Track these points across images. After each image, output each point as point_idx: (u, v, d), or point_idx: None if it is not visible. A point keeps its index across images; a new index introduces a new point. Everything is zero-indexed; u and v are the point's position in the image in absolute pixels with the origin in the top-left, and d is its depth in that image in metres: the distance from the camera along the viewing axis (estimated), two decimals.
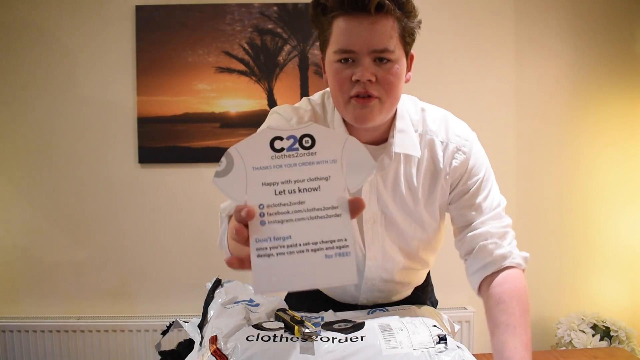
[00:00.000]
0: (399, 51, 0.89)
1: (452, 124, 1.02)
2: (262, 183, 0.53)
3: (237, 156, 0.53)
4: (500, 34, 2.17)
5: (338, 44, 0.89)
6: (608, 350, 1.25)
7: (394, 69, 0.89)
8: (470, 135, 1.02)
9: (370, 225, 1.03)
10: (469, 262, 1.02)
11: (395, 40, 0.88)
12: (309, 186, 0.53)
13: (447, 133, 1.01)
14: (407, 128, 0.99)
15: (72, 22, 2.11)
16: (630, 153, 2.20)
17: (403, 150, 0.98)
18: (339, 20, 0.88)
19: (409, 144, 0.98)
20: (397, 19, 0.88)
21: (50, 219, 2.16)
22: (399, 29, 0.89)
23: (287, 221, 0.53)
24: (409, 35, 0.91)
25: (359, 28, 0.86)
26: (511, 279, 0.99)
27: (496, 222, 1.00)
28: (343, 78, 0.90)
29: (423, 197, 1.02)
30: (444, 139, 1.00)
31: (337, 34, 0.89)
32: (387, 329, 0.93)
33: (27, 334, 2.08)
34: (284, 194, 0.53)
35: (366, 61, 0.88)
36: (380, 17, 0.86)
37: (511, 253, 1.00)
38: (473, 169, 1.01)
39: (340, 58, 0.89)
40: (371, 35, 0.86)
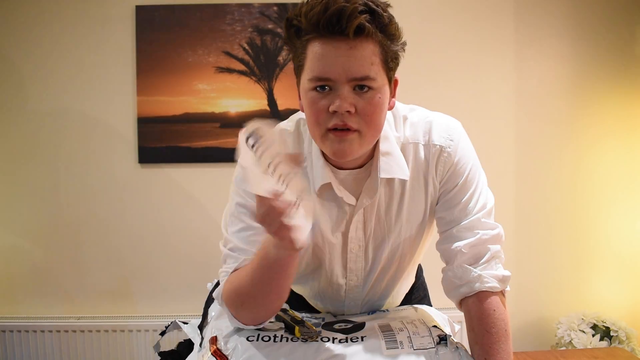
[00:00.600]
0: (381, 78, 0.82)
1: (436, 125, 0.96)
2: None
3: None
4: (500, 34, 2.17)
5: (313, 71, 0.81)
6: (608, 350, 1.25)
7: (375, 99, 0.82)
8: (455, 134, 0.96)
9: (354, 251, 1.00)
10: (443, 279, 0.98)
11: (377, 67, 0.81)
12: None
13: (430, 135, 0.95)
14: (392, 149, 0.93)
15: (72, 22, 2.11)
16: (630, 153, 2.20)
17: (389, 175, 0.92)
18: (314, 44, 0.80)
19: (395, 167, 0.93)
20: (379, 43, 0.81)
21: (50, 219, 2.16)
22: (381, 53, 0.81)
23: None
24: (392, 60, 0.84)
25: (336, 53, 0.79)
26: (484, 309, 0.92)
27: (474, 237, 0.93)
28: (319, 109, 0.82)
29: (411, 212, 0.98)
30: (427, 142, 0.95)
31: (312, 59, 0.81)
32: (387, 329, 0.93)
33: (27, 334, 2.08)
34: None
35: (344, 90, 0.80)
36: (360, 41, 0.78)
37: (481, 277, 0.92)
38: (458, 169, 0.95)
39: (315, 86, 0.82)
40: (350, 61, 0.79)
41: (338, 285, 1.05)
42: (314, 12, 0.77)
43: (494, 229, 0.96)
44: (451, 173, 0.95)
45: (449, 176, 0.95)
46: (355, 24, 0.76)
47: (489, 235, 0.94)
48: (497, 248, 0.95)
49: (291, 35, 0.83)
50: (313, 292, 1.11)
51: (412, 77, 2.12)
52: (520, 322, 2.21)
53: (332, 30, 0.77)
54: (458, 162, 0.95)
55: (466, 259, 0.94)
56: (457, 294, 0.96)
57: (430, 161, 0.95)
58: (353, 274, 1.03)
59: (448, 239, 0.96)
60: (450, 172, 0.95)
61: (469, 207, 0.95)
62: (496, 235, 0.95)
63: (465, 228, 0.94)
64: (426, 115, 0.98)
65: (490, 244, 0.94)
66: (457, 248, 0.94)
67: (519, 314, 2.20)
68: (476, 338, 0.92)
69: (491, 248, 0.94)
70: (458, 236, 0.95)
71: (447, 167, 0.95)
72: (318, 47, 0.80)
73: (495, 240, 0.95)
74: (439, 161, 0.95)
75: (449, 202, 0.96)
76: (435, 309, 1.15)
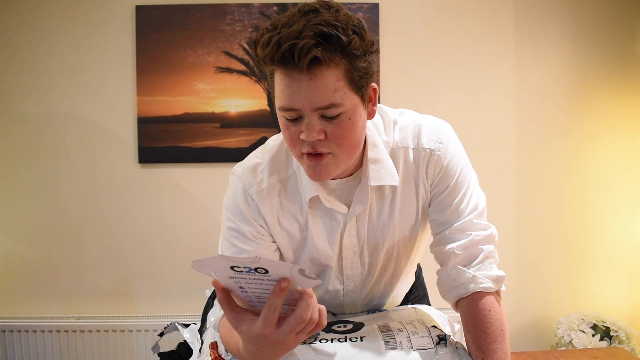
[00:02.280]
0: (349, 100, 0.80)
1: (425, 128, 0.95)
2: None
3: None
4: (500, 33, 2.17)
5: (280, 101, 0.80)
6: (608, 350, 1.25)
7: (344, 122, 0.80)
8: (444, 137, 0.95)
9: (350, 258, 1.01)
10: (438, 281, 0.99)
11: (342, 91, 0.78)
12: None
13: (419, 139, 0.95)
14: (381, 156, 0.93)
15: (72, 22, 2.11)
16: (630, 153, 2.20)
17: (379, 182, 0.92)
18: (278, 74, 0.80)
19: (385, 174, 0.92)
20: (342, 66, 0.78)
21: (50, 219, 2.16)
22: (345, 76, 0.78)
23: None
24: (362, 77, 0.81)
25: (298, 85, 0.77)
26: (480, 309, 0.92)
27: (467, 239, 0.94)
28: (291, 135, 0.83)
29: (403, 216, 0.98)
30: (416, 146, 0.95)
31: (278, 89, 0.80)
32: (386, 330, 0.93)
33: (27, 334, 2.08)
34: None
35: (312, 119, 0.79)
36: (319, 71, 0.76)
37: (475, 278, 0.92)
38: (448, 171, 0.95)
39: (285, 116, 0.81)
40: (311, 92, 0.77)
41: (335, 290, 1.05)
42: (269, 49, 0.76)
43: (487, 229, 0.96)
44: (442, 175, 0.95)
45: (439, 179, 0.95)
46: (308, 59, 0.74)
47: (481, 236, 0.94)
48: (491, 248, 0.95)
49: (259, 60, 0.82)
50: None
51: (412, 77, 2.12)
52: (520, 322, 2.21)
53: (288, 65, 0.76)
54: (448, 165, 0.95)
55: (460, 260, 0.94)
56: (452, 296, 0.96)
57: (420, 165, 0.95)
58: (350, 279, 1.04)
59: (441, 241, 0.96)
60: (440, 175, 0.95)
61: (460, 208, 0.95)
62: (489, 235, 0.95)
63: (457, 229, 0.95)
64: (415, 118, 0.98)
65: (483, 245, 0.94)
66: (450, 250, 0.94)
67: (519, 314, 2.20)
68: (473, 339, 0.92)
69: (484, 248, 0.94)
70: (451, 238, 0.95)
71: (438, 169, 0.95)
72: (281, 78, 0.79)
73: (488, 241, 0.95)
74: (429, 164, 0.95)
75: (441, 205, 0.96)
76: (435, 309, 1.15)
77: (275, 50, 0.75)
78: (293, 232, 0.98)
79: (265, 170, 0.95)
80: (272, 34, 0.76)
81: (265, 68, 0.83)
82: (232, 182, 0.98)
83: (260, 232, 0.96)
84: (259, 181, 0.95)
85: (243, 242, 0.95)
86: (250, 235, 0.95)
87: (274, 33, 0.76)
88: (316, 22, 0.75)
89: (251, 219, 0.95)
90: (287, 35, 0.74)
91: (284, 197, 0.96)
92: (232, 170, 0.99)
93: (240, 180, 0.96)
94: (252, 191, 0.94)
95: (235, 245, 0.95)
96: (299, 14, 0.77)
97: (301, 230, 0.97)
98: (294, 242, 0.99)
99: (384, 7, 2.12)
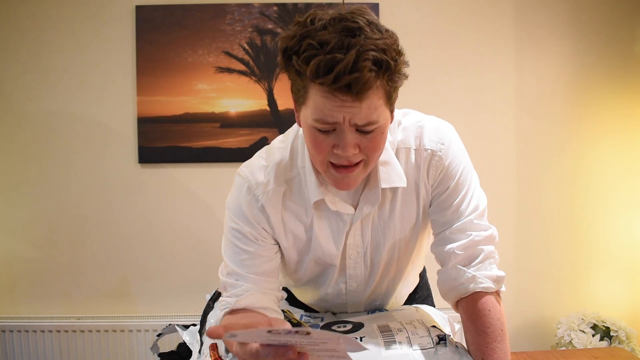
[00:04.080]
0: (384, 116, 0.81)
1: (427, 129, 0.96)
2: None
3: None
4: (500, 33, 2.17)
5: (317, 114, 0.78)
6: (608, 350, 1.24)
7: (377, 136, 0.82)
8: (446, 138, 0.96)
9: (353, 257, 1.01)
10: (438, 281, 1.00)
11: (380, 109, 0.79)
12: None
13: (421, 140, 0.95)
14: (390, 158, 0.93)
15: (72, 22, 2.11)
16: (631, 153, 2.20)
17: (389, 185, 0.93)
18: (318, 90, 0.77)
19: (395, 176, 0.93)
20: (384, 87, 0.78)
21: (50, 219, 2.16)
22: (384, 95, 0.79)
23: None
24: (395, 90, 0.82)
25: (342, 104, 0.76)
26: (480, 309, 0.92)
27: (467, 239, 0.94)
28: (322, 146, 0.82)
29: (404, 216, 0.99)
30: (418, 146, 0.95)
31: (316, 102, 0.78)
32: (386, 330, 0.93)
33: (27, 334, 2.08)
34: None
35: (348, 133, 0.79)
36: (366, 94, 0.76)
37: (475, 278, 0.93)
38: (449, 172, 0.95)
39: (319, 128, 0.80)
40: (354, 111, 0.77)
41: (338, 290, 1.06)
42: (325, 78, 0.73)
43: (487, 229, 0.96)
44: (443, 176, 0.95)
45: (440, 179, 0.96)
46: (363, 84, 0.73)
47: (482, 237, 0.94)
48: (491, 249, 0.95)
49: (290, 69, 0.79)
50: (314, 299, 1.12)
51: (413, 76, 2.11)
52: (520, 322, 2.21)
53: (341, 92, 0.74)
54: (449, 165, 0.95)
55: (460, 260, 0.94)
56: (452, 296, 0.96)
57: (421, 165, 0.95)
58: (352, 279, 1.04)
59: (442, 241, 0.97)
60: (442, 176, 0.96)
61: (461, 209, 0.95)
62: (489, 236, 0.96)
63: (458, 230, 0.95)
64: (418, 119, 0.98)
65: (483, 245, 0.94)
66: (450, 250, 0.95)
67: (519, 314, 2.20)
68: (473, 338, 0.92)
69: (485, 249, 0.94)
70: (451, 238, 0.95)
71: (439, 170, 0.95)
72: (322, 95, 0.77)
73: (488, 241, 0.95)
74: (431, 165, 0.95)
75: (442, 205, 0.97)
76: (435, 309, 1.15)
77: (333, 81, 0.73)
78: (298, 233, 0.98)
79: (272, 172, 0.96)
80: (323, 58, 0.73)
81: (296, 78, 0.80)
82: (238, 183, 0.98)
83: (261, 234, 0.96)
84: (266, 182, 0.95)
85: (245, 243, 0.95)
86: (251, 236, 0.95)
87: (324, 56, 0.73)
88: (369, 48, 0.73)
89: (254, 220, 0.95)
90: (345, 66, 0.72)
91: (288, 198, 0.96)
92: (238, 171, 0.99)
93: (246, 181, 0.96)
94: (259, 192, 0.94)
95: (237, 246, 0.95)
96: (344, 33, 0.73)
97: (306, 230, 0.98)
98: (299, 243, 0.99)
99: (384, 7, 2.12)
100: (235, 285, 0.94)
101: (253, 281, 0.94)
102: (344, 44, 0.72)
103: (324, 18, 0.75)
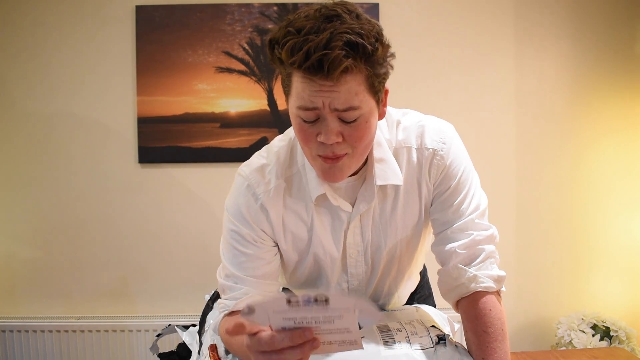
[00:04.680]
0: (367, 104, 0.81)
1: (428, 128, 0.96)
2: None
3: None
4: (500, 32, 2.17)
5: (299, 100, 0.80)
6: (608, 350, 1.24)
7: (362, 125, 0.82)
8: (447, 137, 0.96)
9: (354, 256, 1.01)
10: (439, 280, 1.00)
11: (362, 95, 0.79)
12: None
13: (422, 139, 0.96)
14: (386, 155, 0.94)
15: (72, 22, 2.11)
16: (630, 152, 2.20)
17: (385, 182, 0.93)
18: (297, 76, 0.79)
19: (390, 173, 0.94)
20: (364, 73, 0.79)
21: (50, 219, 2.16)
22: (366, 81, 0.79)
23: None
24: (380, 81, 0.82)
25: (321, 88, 0.77)
26: (481, 309, 0.92)
27: (468, 238, 0.94)
28: (307, 136, 0.83)
29: (406, 215, 0.99)
30: (419, 146, 0.96)
31: (297, 89, 0.80)
32: (385, 330, 0.93)
33: (27, 334, 2.08)
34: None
35: (330, 120, 0.80)
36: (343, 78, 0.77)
37: (476, 278, 0.93)
38: (450, 171, 0.96)
39: (302, 115, 0.81)
40: (333, 95, 0.78)
41: (341, 289, 1.06)
42: (296, 58, 0.75)
43: (488, 229, 0.96)
44: (444, 176, 0.96)
45: (441, 179, 0.96)
46: (339, 71, 0.75)
47: (482, 236, 0.95)
48: (492, 248, 0.96)
49: (274, 59, 0.82)
50: None
51: (413, 76, 2.12)
52: (520, 322, 2.21)
53: (315, 73, 0.76)
54: (451, 165, 0.96)
55: (461, 259, 0.94)
56: (453, 295, 0.96)
57: (423, 165, 0.96)
58: (354, 278, 1.04)
59: (442, 241, 0.97)
60: (443, 175, 0.96)
61: (461, 208, 0.96)
62: (490, 235, 0.96)
63: (459, 229, 0.95)
64: (419, 119, 0.99)
65: (484, 245, 0.95)
66: (451, 249, 0.95)
67: (519, 314, 2.20)
68: (473, 338, 0.92)
69: (485, 248, 0.95)
70: (452, 237, 0.95)
71: (440, 170, 0.96)
72: (301, 81, 0.79)
73: (489, 241, 0.96)
74: (432, 164, 0.95)
75: (443, 204, 0.97)
76: (434, 309, 1.15)
77: (304, 59, 0.75)
78: (298, 232, 0.98)
79: (273, 171, 0.96)
80: (297, 40, 0.75)
81: (280, 67, 0.82)
82: (237, 182, 0.98)
83: (260, 236, 0.96)
84: (267, 182, 0.95)
85: (243, 245, 0.95)
86: (250, 238, 0.95)
87: (298, 38, 0.75)
88: (343, 31, 0.75)
89: (252, 222, 0.95)
90: (316, 45, 0.74)
91: (288, 196, 0.96)
92: (238, 171, 0.99)
93: (246, 179, 0.96)
94: (260, 191, 0.94)
95: (236, 248, 0.95)
96: (322, 19, 0.76)
97: (307, 230, 0.98)
98: (299, 242, 0.99)
99: (384, 7, 2.12)
100: (234, 288, 0.94)
101: (252, 284, 0.94)
102: (319, 28, 0.75)
103: (309, 11, 0.78)
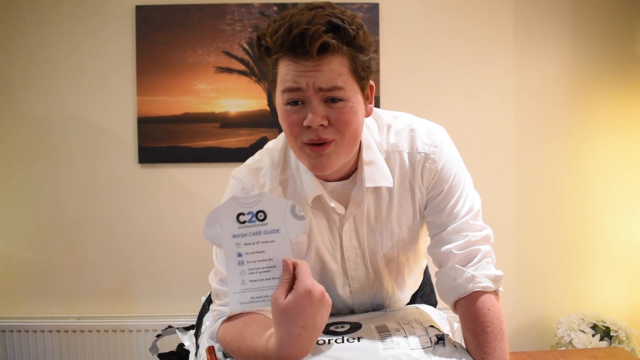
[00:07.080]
0: (350, 87, 0.83)
1: (419, 132, 0.97)
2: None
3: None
4: (500, 34, 2.17)
5: (284, 84, 0.83)
6: (608, 350, 1.25)
7: (346, 108, 0.83)
8: (438, 140, 0.97)
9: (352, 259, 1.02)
10: (437, 282, 1.00)
11: (345, 76, 0.82)
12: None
13: (413, 143, 0.97)
14: (375, 158, 0.95)
15: (72, 22, 2.11)
16: (630, 152, 2.20)
17: (374, 184, 0.94)
18: (283, 61, 0.83)
19: (379, 175, 0.94)
20: (347, 55, 0.82)
21: (50, 219, 2.16)
22: (349, 64, 0.83)
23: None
24: (364, 69, 0.85)
25: (305, 68, 0.81)
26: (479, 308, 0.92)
27: (463, 240, 0.95)
28: (293, 123, 0.85)
29: (401, 218, 1.00)
30: (411, 150, 0.97)
31: (283, 74, 0.84)
32: (383, 330, 0.93)
33: (27, 334, 2.08)
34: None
35: (315, 103, 0.82)
36: (326, 57, 0.80)
37: (474, 278, 0.93)
38: (443, 174, 0.97)
39: (288, 99, 0.84)
40: (316, 75, 0.81)
41: (343, 292, 1.06)
42: (279, 35, 0.80)
43: (483, 230, 0.97)
44: (437, 179, 0.97)
45: (434, 182, 0.97)
46: (317, 44, 0.78)
47: (478, 237, 0.96)
48: (488, 248, 0.96)
49: (262, 54, 0.86)
50: None
51: (412, 77, 2.12)
52: (520, 322, 2.21)
53: (297, 51, 0.80)
54: (443, 168, 0.97)
55: (458, 259, 0.95)
56: (451, 296, 0.97)
57: (415, 168, 0.97)
58: (355, 281, 1.04)
59: (438, 243, 0.98)
60: (435, 179, 0.97)
61: (455, 210, 0.96)
62: (485, 236, 0.97)
63: (454, 231, 0.96)
64: (410, 122, 0.99)
65: (480, 245, 0.95)
66: (447, 250, 0.95)
67: (519, 314, 2.20)
68: (472, 337, 0.92)
69: (481, 249, 0.95)
70: (448, 239, 0.96)
71: (432, 173, 0.97)
72: (286, 64, 0.82)
73: (484, 241, 0.96)
74: (424, 168, 0.96)
75: (437, 207, 0.98)
76: (434, 308, 1.15)
77: (286, 36, 0.79)
78: None
79: (267, 175, 0.96)
80: (282, 23, 0.81)
81: (269, 59, 0.85)
82: (232, 185, 0.98)
83: None
84: (262, 184, 0.95)
85: None
86: None
87: (283, 22, 0.81)
88: (325, 14, 0.80)
89: None
90: (297, 22, 0.79)
91: None
92: (232, 174, 0.99)
93: (241, 183, 0.96)
94: (255, 193, 0.94)
95: None
96: (306, 9, 0.82)
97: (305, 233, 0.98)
98: (296, 245, 0.99)
99: (384, 7, 2.12)
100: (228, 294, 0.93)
101: None
102: (303, 14, 0.80)
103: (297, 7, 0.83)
